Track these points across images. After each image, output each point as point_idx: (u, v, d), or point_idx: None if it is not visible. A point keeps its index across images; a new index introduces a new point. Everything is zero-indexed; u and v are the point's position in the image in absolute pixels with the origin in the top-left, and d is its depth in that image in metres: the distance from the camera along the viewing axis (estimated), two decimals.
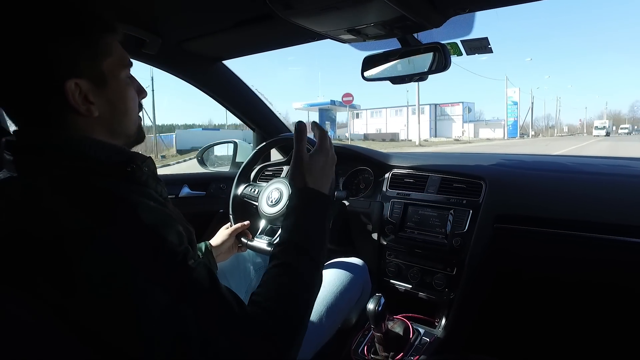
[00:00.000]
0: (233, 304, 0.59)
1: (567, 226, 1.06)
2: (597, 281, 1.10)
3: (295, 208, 0.75)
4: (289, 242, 0.70)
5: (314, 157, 0.80)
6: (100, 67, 0.62)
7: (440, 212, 1.23)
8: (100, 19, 0.63)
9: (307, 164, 0.78)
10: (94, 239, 0.51)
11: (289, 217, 0.74)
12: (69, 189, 0.55)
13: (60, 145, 0.59)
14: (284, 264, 0.68)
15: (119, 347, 0.53)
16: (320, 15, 0.96)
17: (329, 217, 0.76)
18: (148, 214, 0.57)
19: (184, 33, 1.27)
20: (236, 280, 1.24)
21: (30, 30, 0.56)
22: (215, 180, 1.75)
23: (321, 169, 0.80)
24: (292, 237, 0.71)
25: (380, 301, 1.03)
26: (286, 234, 0.72)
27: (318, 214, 0.75)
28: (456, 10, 0.98)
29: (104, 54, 0.62)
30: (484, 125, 58.55)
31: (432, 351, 1.12)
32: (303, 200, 0.75)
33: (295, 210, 0.74)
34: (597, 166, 1.40)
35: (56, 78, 0.58)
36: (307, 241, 0.71)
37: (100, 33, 0.62)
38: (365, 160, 1.51)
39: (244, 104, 1.72)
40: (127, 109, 0.67)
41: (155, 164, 0.72)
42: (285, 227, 0.73)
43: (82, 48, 0.60)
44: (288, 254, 0.69)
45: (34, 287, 0.51)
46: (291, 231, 0.72)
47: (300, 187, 0.77)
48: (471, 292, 1.17)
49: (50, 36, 0.57)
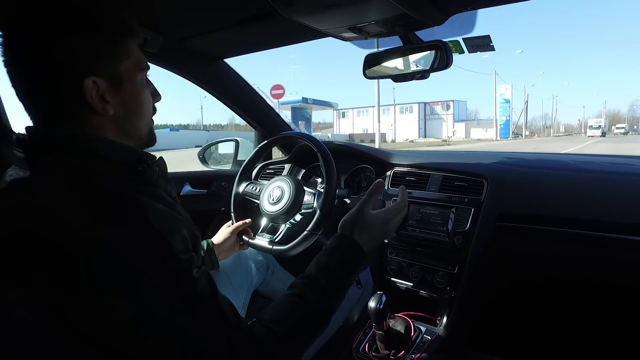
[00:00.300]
0: (230, 316, 0.61)
1: (570, 224, 1.06)
2: (599, 280, 1.10)
3: (330, 250, 0.77)
4: (313, 278, 0.72)
5: (376, 219, 0.84)
6: (118, 67, 0.63)
7: (442, 210, 1.23)
8: (120, 20, 0.64)
9: (365, 220, 0.82)
10: (101, 241, 0.52)
11: (321, 256, 0.77)
12: (79, 189, 0.55)
13: (71, 144, 0.60)
14: (302, 296, 0.70)
15: (115, 350, 0.53)
16: (322, 13, 0.96)
17: (356, 272, 0.79)
18: (157, 218, 0.57)
19: (186, 31, 1.27)
20: (237, 278, 1.24)
21: (52, 27, 0.57)
22: (216, 178, 1.76)
23: (375, 231, 0.83)
24: (317, 274, 0.73)
25: (381, 299, 1.03)
26: (314, 271, 0.74)
27: (349, 265, 0.77)
28: (458, 7, 0.98)
29: (122, 56, 0.64)
30: (476, 125, 55.94)
31: (434, 349, 1.12)
32: (343, 248, 0.78)
33: (330, 253, 0.77)
34: (599, 164, 1.40)
35: (75, 75, 0.59)
36: (329, 283, 0.73)
37: (120, 35, 0.64)
38: (367, 159, 1.51)
39: (245, 102, 1.72)
40: (141, 111, 0.68)
41: (166, 164, 0.72)
42: (315, 264, 0.75)
43: (102, 47, 0.61)
44: (309, 289, 0.71)
45: (38, 286, 0.51)
46: (318, 270, 0.74)
47: (345, 234, 0.80)
48: (473, 291, 1.17)
49: (71, 33, 0.58)
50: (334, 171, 1.15)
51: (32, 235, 0.52)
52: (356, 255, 0.78)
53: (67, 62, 0.58)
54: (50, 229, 0.51)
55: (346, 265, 0.76)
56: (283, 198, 1.21)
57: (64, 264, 0.50)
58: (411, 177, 1.36)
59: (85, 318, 0.52)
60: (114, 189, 0.57)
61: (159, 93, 0.73)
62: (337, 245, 0.78)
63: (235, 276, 1.24)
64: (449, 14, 1.00)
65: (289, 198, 1.20)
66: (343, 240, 0.79)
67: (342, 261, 0.76)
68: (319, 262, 0.75)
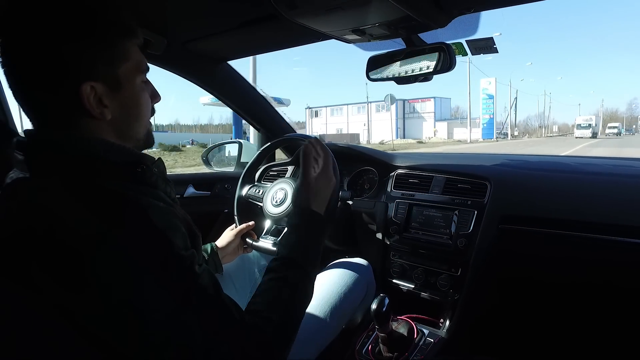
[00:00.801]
0: (233, 311, 0.61)
1: (573, 227, 1.06)
2: (603, 282, 1.10)
3: (296, 227, 0.80)
4: (289, 259, 0.74)
5: (319, 180, 0.86)
6: (117, 71, 0.62)
7: (445, 212, 1.23)
8: (119, 23, 0.62)
9: (313, 187, 0.84)
10: (103, 241, 0.52)
11: (289, 235, 0.79)
12: (79, 190, 0.55)
13: (71, 146, 0.60)
14: (282, 277, 0.71)
15: (120, 348, 0.53)
16: (325, 15, 0.96)
17: (325, 236, 0.82)
18: (158, 217, 0.57)
19: (189, 34, 1.27)
20: (241, 281, 1.24)
21: (49, 32, 0.56)
22: (220, 180, 1.76)
23: (323, 192, 0.86)
24: (291, 254, 0.75)
25: (384, 301, 1.02)
26: (285, 250, 0.76)
27: (317, 234, 0.80)
28: (461, 10, 0.97)
29: (121, 59, 0.62)
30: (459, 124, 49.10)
31: (437, 352, 1.11)
32: (305, 221, 0.81)
33: (297, 230, 0.79)
34: (601, 166, 1.39)
35: (73, 80, 0.58)
36: (305, 259, 0.75)
37: (119, 37, 0.62)
38: (370, 161, 1.51)
39: (248, 104, 1.72)
40: (139, 114, 0.67)
41: (165, 165, 0.72)
42: (286, 244, 0.77)
43: (100, 52, 0.60)
44: (287, 269, 0.72)
45: (42, 287, 0.51)
46: (291, 249, 0.76)
47: (304, 208, 0.82)
48: (476, 293, 1.17)
49: (68, 38, 0.57)
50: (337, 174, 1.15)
51: (34, 236, 0.52)
52: (320, 223, 0.82)
53: (64, 67, 0.57)
54: (52, 229, 0.52)
55: (314, 237, 0.79)
56: (286, 200, 1.21)
57: (66, 264, 0.51)
58: (414, 179, 1.36)
59: (90, 317, 0.52)
60: (113, 189, 0.57)
61: (158, 94, 0.72)
62: (300, 222, 0.81)
63: (238, 280, 1.24)
64: (452, 16, 1.00)
65: (292, 200, 1.20)
66: (304, 215, 0.81)
67: (310, 234, 0.79)
68: (289, 241, 0.77)
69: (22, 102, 0.61)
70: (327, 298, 1.07)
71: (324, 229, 0.82)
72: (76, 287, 0.51)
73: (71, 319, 0.52)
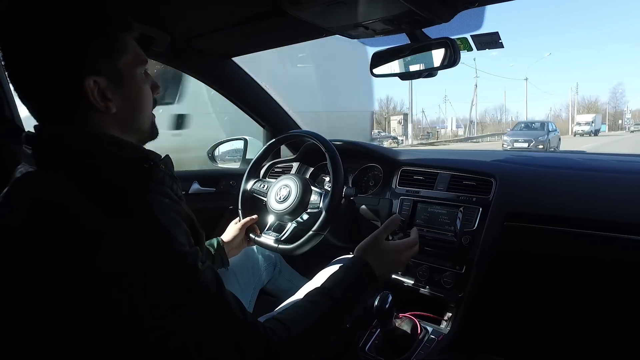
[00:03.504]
0: (235, 309, 0.61)
1: (580, 224, 1.04)
2: (610, 281, 1.08)
3: (347, 269, 0.82)
4: (329, 291, 0.76)
5: (389, 248, 0.90)
6: (118, 64, 0.63)
7: (450, 209, 1.22)
8: (117, 16, 0.63)
9: (379, 248, 0.88)
10: (108, 235, 0.52)
11: (338, 272, 0.81)
12: (86, 185, 0.56)
13: (78, 141, 0.60)
14: (317, 303, 0.73)
15: (122, 343, 0.54)
16: (328, 10, 0.96)
17: (367, 294, 0.84)
18: (162, 213, 0.57)
19: (193, 30, 1.27)
20: (245, 276, 1.25)
21: (50, 29, 0.57)
22: (225, 176, 1.77)
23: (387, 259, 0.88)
24: (333, 287, 0.77)
25: (387, 299, 1.02)
26: (329, 283, 0.78)
27: (363, 285, 0.82)
28: (465, 4, 0.96)
29: (120, 52, 0.63)
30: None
31: (440, 350, 1.11)
32: (357, 268, 0.83)
33: (346, 270, 0.82)
34: (608, 162, 1.37)
35: (75, 75, 0.59)
36: (343, 299, 0.76)
37: (118, 31, 0.63)
38: (375, 157, 1.50)
39: (253, 100, 1.72)
40: (142, 106, 0.68)
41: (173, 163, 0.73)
42: (331, 278, 0.79)
43: (101, 46, 0.61)
44: (324, 298, 0.74)
45: (47, 280, 0.52)
46: (333, 283, 0.78)
47: (360, 257, 0.85)
48: (480, 291, 1.16)
49: (69, 34, 0.58)
50: (341, 171, 1.15)
51: (40, 230, 0.53)
52: (369, 276, 0.83)
53: (67, 63, 0.58)
54: (57, 223, 0.53)
55: (359, 284, 0.81)
56: (290, 197, 1.21)
57: (70, 257, 0.51)
58: (419, 176, 1.35)
59: (93, 312, 0.53)
60: (119, 183, 0.58)
61: (158, 85, 0.73)
62: (352, 266, 0.83)
63: (243, 274, 1.25)
64: (456, 11, 0.98)
65: (295, 197, 1.20)
66: (358, 262, 0.84)
67: (356, 279, 0.81)
68: (334, 276, 0.80)
69: (26, 100, 0.62)
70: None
71: (369, 285, 0.83)
72: (79, 280, 0.52)
73: (75, 313, 0.53)
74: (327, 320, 0.72)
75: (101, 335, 0.54)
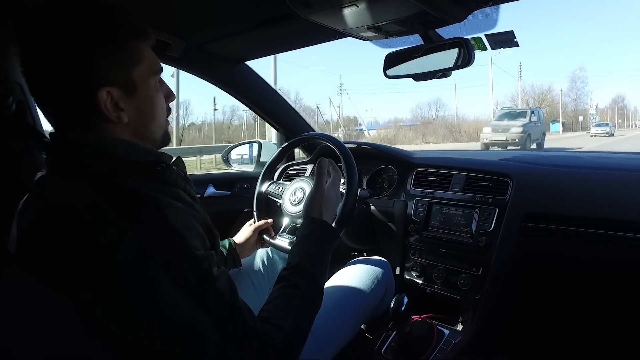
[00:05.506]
0: (247, 317, 0.61)
1: (600, 225, 1.02)
2: (631, 283, 1.05)
3: (308, 237, 0.82)
4: (299, 267, 0.76)
5: (330, 193, 0.90)
6: (131, 74, 0.63)
7: (465, 210, 1.21)
8: (131, 26, 0.63)
9: (324, 198, 0.88)
10: (124, 239, 0.53)
11: (300, 244, 0.81)
12: (99, 189, 0.57)
13: (91, 147, 0.61)
14: (292, 285, 0.72)
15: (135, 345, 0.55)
16: (339, 13, 0.96)
17: (333, 247, 0.84)
18: (175, 217, 0.58)
19: (207, 35, 1.29)
20: (260, 278, 1.25)
21: (65, 41, 0.57)
22: (239, 180, 1.78)
23: (332, 204, 0.90)
24: (302, 262, 0.76)
25: (403, 301, 1.01)
26: (296, 259, 0.77)
27: (327, 244, 0.82)
28: (479, 3, 0.95)
29: (134, 62, 0.63)
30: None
31: (457, 353, 1.09)
32: (317, 231, 0.83)
33: (308, 239, 0.81)
34: (627, 160, 1.34)
35: (89, 87, 0.59)
36: (315, 268, 0.76)
37: (132, 40, 0.63)
38: (389, 159, 1.50)
39: (267, 104, 1.73)
40: (155, 115, 0.68)
41: (185, 164, 0.73)
42: (296, 253, 0.79)
43: (114, 57, 0.60)
44: (297, 277, 0.74)
45: (63, 283, 0.53)
46: (302, 258, 0.77)
47: (315, 218, 0.85)
48: (497, 293, 1.14)
49: (83, 45, 0.58)
50: (355, 173, 1.14)
51: (57, 233, 0.54)
52: (330, 234, 0.84)
53: (81, 74, 0.58)
54: (73, 227, 0.54)
55: (325, 247, 0.81)
56: (304, 199, 1.21)
57: (86, 261, 0.52)
58: (434, 177, 1.34)
59: (107, 314, 0.54)
60: (133, 188, 0.59)
61: (173, 93, 0.72)
62: (312, 232, 0.82)
63: (258, 276, 1.25)
64: (470, 10, 0.97)
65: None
66: (315, 225, 0.84)
67: (320, 244, 0.81)
68: (299, 250, 0.79)
69: (43, 109, 0.64)
70: (346, 297, 1.06)
71: (334, 240, 0.85)
72: (95, 283, 0.53)
73: (90, 315, 0.53)
74: (310, 297, 0.73)
75: (117, 337, 0.54)
